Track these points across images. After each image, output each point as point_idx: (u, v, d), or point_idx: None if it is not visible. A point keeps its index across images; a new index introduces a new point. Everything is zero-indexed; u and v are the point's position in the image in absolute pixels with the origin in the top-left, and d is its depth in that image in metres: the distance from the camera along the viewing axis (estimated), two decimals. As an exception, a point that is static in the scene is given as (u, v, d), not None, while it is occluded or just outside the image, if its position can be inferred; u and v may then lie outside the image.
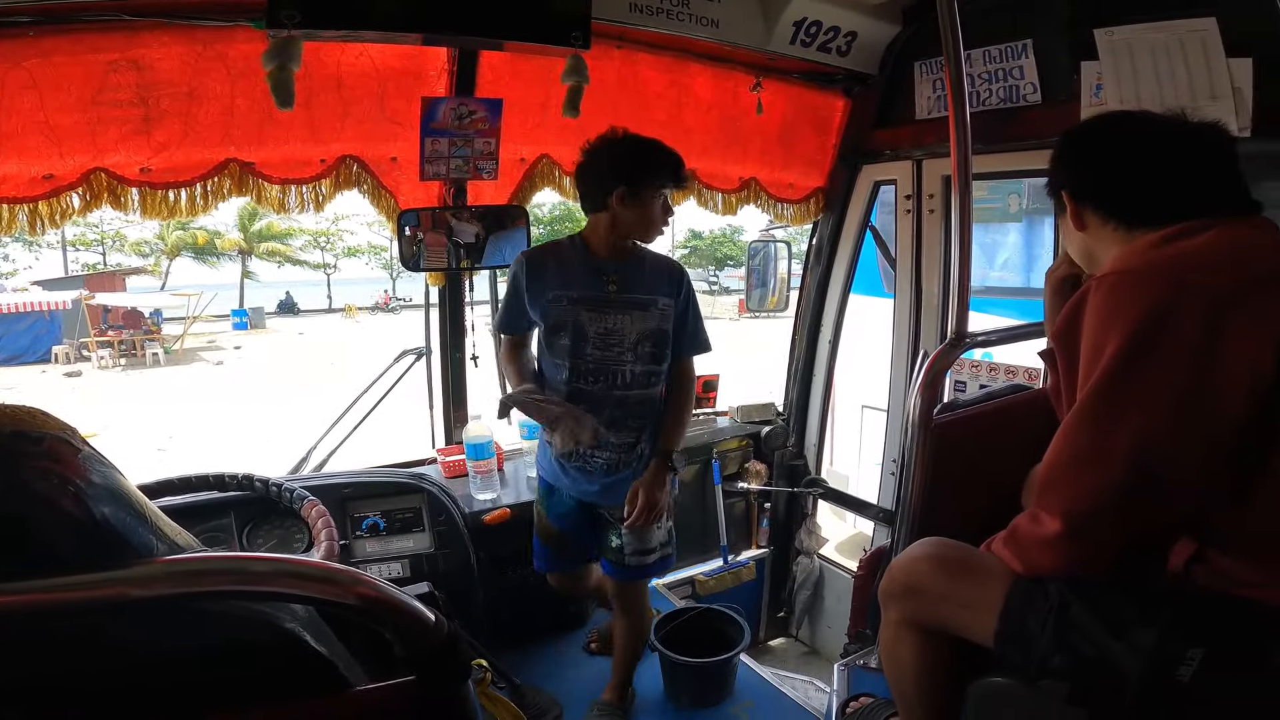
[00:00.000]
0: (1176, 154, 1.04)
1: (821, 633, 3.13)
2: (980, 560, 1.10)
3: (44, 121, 1.63)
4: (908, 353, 2.67)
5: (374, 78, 1.99)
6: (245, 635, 0.61)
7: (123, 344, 16.96)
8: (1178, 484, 0.90)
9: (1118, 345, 0.90)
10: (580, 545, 1.98)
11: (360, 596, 0.59)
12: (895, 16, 2.47)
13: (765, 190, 2.74)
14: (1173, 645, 0.91)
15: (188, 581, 0.55)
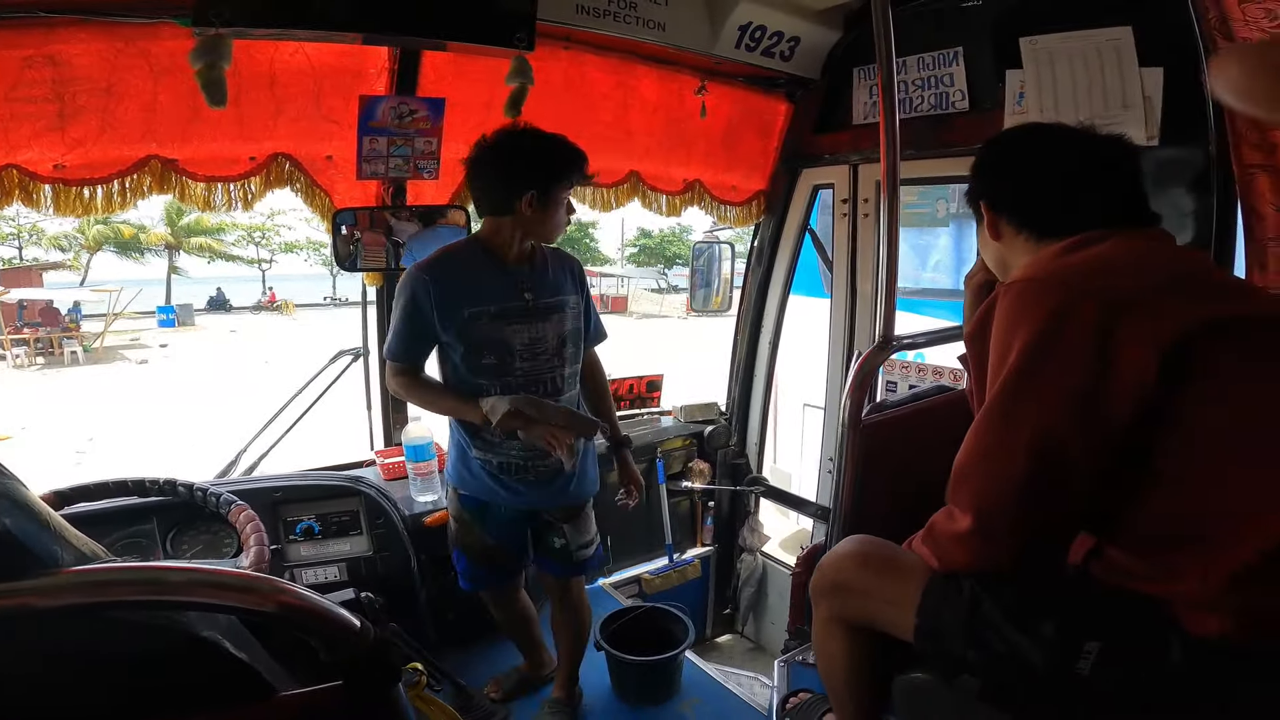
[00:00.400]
0: (1086, 168, 1.10)
1: (766, 629, 3.19)
2: (902, 557, 1.14)
3: None
4: (843, 353, 2.74)
5: (310, 75, 1.94)
6: (160, 645, 0.60)
7: (39, 341, 16.06)
8: (1074, 480, 0.94)
9: (1021, 348, 0.95)
10: (514, 557, 1.91)
11: (281, 605, 0.59)
12: (837, 23, 2.54)
13: (709, 192, 2.78)
14: (1071, 638, 0.94)
15: (96, 592, 0.54)
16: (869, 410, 1.53)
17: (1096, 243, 1.04)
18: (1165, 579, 0.93)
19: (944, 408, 1.61)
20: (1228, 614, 0.87)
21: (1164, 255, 1.05)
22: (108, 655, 0.60)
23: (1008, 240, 1.16)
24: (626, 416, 3.14)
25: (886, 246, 1.52)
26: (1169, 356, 0.88)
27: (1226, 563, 0.87)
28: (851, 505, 1.50)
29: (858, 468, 1.49)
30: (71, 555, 0.57)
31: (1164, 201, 1.80)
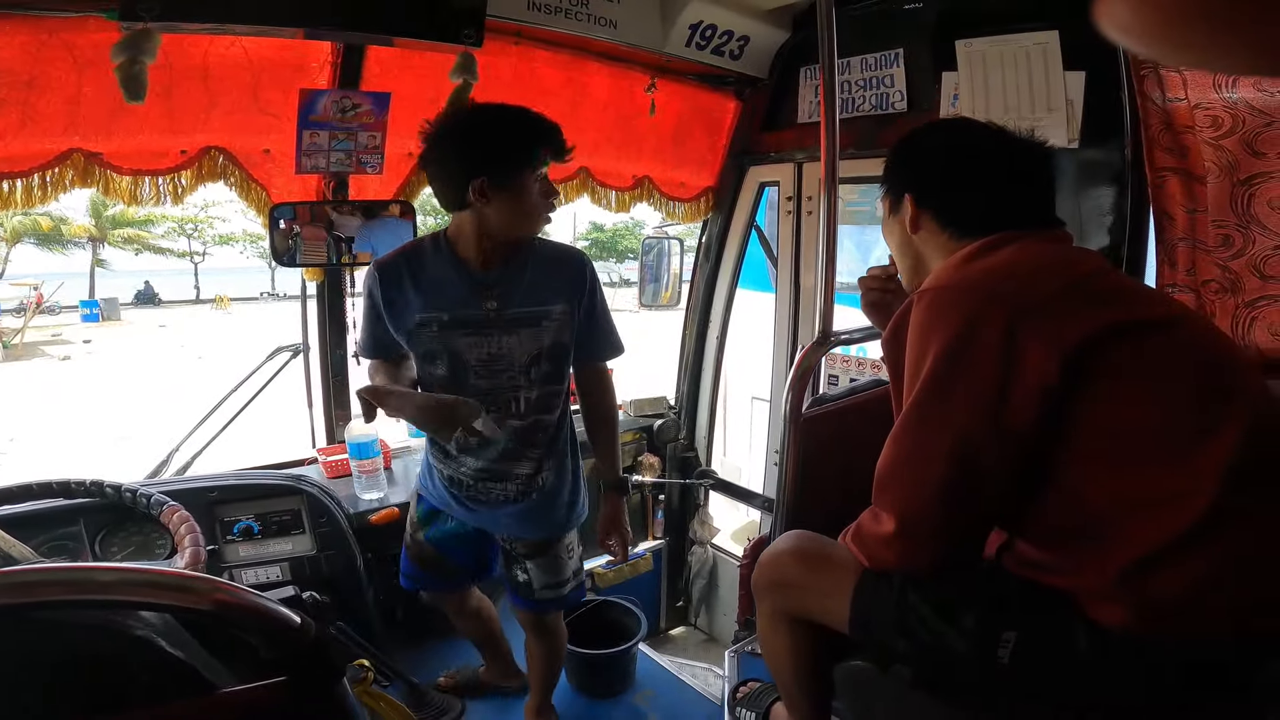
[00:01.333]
0: (1014, 171, 1.14)
1: (718, 620, 3.23)
2: (836, 552, 1.16)
3: None
4: (787, 348, 2.79)
5: (246, 69, 1.88)
6: (93, 645, 0.59)
7: (-49, 340, 15.02)
8: (990, 483, 0.98)
9: (935, 355, 0.98)
10: (460, 571, 1.81)
11: (217, 603, 0.58)
12: (785, 23, 2.58)
13: (658, 189, 2.80)
14: (990, 629, 0.98)
15: (23, 592, 0.53)
16: (810, 404, 1.56)
17: (1003, 246, 1.08)
18: (1069, 571, 0.98)
19: (882, 401, 1.64)
20: (1127, 605, 0.91)
21: (1065, 259, 1.09)
22: (40, 658, 0.59)
23: (926, 236, 1.19)
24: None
25: (826, 243, 1.55)
26: (1069, 359, 0.92)
27: (1121, 556, 0.91)
28: (794, 497, 1.53)
29: (799, 460, 1.52)
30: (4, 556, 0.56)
31: (1083, 201, 1.88)
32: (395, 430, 2.57)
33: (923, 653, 1.04)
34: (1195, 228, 1.68)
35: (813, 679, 1.30)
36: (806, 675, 1.30)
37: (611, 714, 2.15)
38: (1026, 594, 1.01)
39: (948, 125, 1.30)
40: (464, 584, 1.90)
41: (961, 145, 1.20)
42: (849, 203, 3.13)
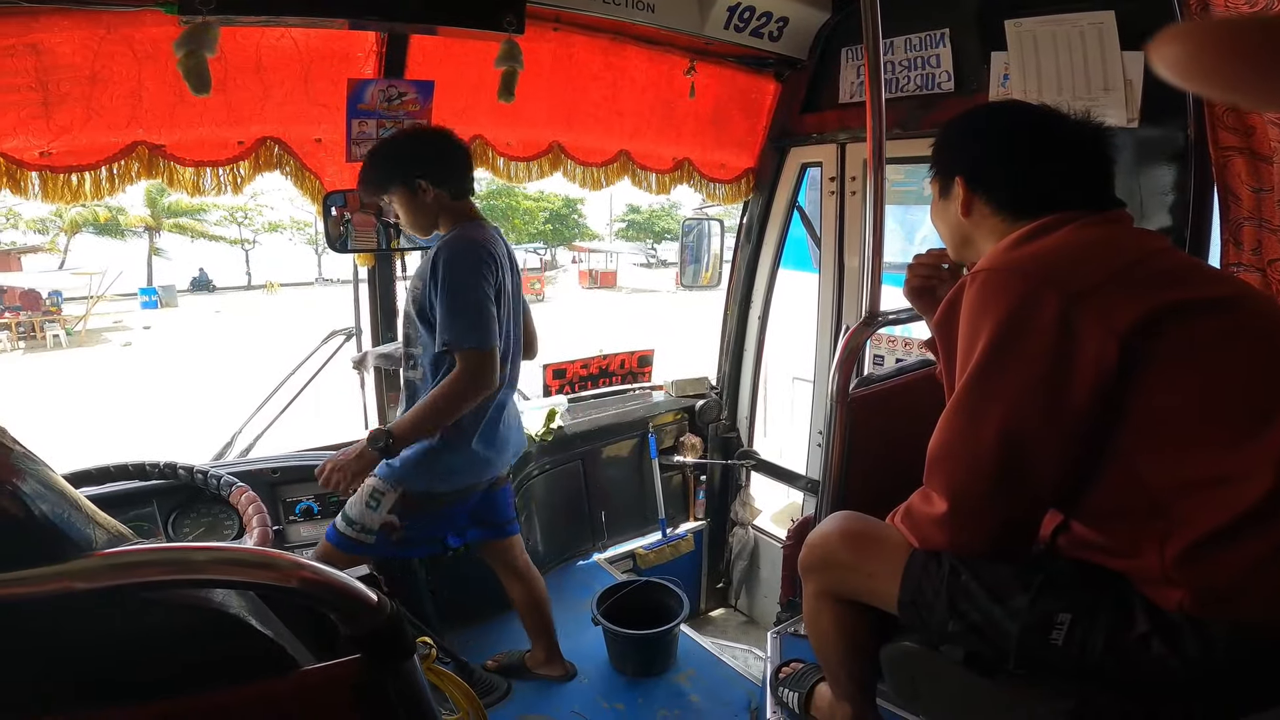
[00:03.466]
0: (1071, 152, 1.11)
1: (758, 602, 3.24)
2: (884, 532, 1.16)
3: None
4: (831, 328, 2.78)
5: (297, 60, 1.93)
6: (191, 622, 0.63)
7: (20, 326, 15.80)
8: (1043, 466, 0.97)
9: (987, 338, 0.97)
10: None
11: (302, 580, 0.61)
12: (825, 3, 2.54)
13: (698, 171, 2.80)
14: (1044, 610, 0.97)
15: (130, 573, 0.57)
16: (856, 384, 1.55)
17: (1058, 228, 1.06)
18: (1126, 553, 0.97)
19: (930, 381, 1.63)
20: (1185, 587, 0.90)
21: (1122, 241, 1.07)
22: (138, 635, 0.62)
23: (979, 220, 1.17)
24: (618, 391, 3.19)
25: (873, 224, 1.55)
26: (1126, 342, 0.91)
27: (1179, 538, 0.90)
28: (839, 478, 1.53)
29: (845, 441, 1.52)
30: (104, 537, 0.60)
31: (1144, 181, 1.85)
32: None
33: (973, 633, 1.04)
34: (1261, 207, 1.64)
35: (858, 659, 1.29)
36: (852, 656, 1.30)
37: (653, 693, 2.19)
38: (1082, 576, 1.01)
39: (997, 107, 1.27)
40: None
41: (1013, 126, 1.17)
42: (894, 183, 3.07)
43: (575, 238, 31.16)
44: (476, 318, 1.63)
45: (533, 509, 2.71)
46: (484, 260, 1.68)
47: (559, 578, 2.78)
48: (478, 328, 1.63)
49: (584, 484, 2.91)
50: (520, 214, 28.04)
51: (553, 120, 2.41)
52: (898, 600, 1.11)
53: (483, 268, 1.67)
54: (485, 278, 1.66)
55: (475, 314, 1.63)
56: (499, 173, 2.41)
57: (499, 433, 1.84)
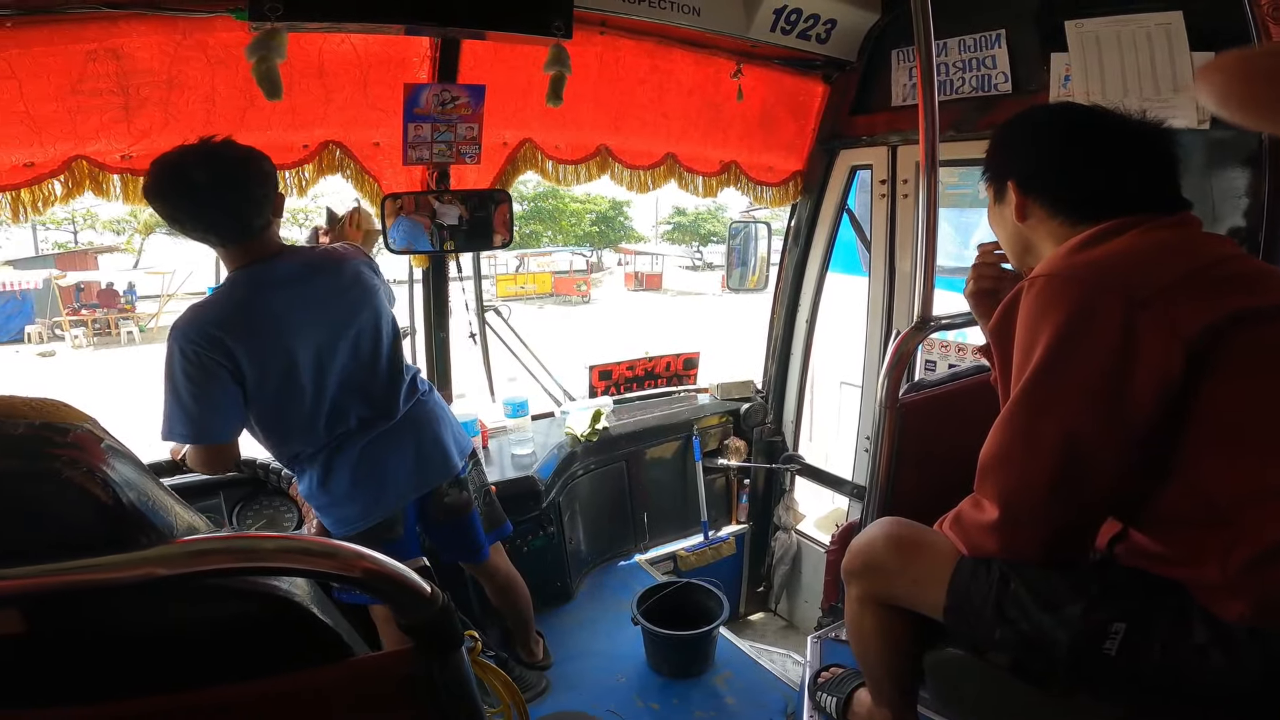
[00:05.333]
0: (1129, 154, 1.08)
1: (799, 607, 3.22)
2: (931, 538, 1.15)
3: (24, 111, 1.64)
4: (881, 332, 2.74)
5: (356, 65, 1.99)
6: (258, 609, 0.66)
7: (97, 323, 16.65)
8: (1100, 474, 0.95)
9: (1046, 344, 0.96)
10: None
11: (363, 570, 0.63)
12: (874, 4, 2.52)
13: (745, 173, 2.79)
14: (1098, 620, 0.96)
15: (206, 560, 0.59)
16: (907, 389, 1.54)
17: (1119, 234, 1.03)
18: (1187, 563, 0.95)
19: (983, 388, 1.59)
20: (1248, 599, 0.88)
21: (1191, 245, 1.03)
22: (208, 621, 0.66)
23: (1035, 224, 1.14)
24: (663, 393, 3.20)
25: (926, 227, 1.52)
26: (1191, 349, 0.89)
27: (1246, 548, 0.88)
28: (887, 484, 1.52)
29: (894, 447, 1.50)
30: (183, 525, 0.64)
31: (1215, 183, 1.79)
32: (493, 411, 2.70)
33: (1021, 641, 1.03)
34: (1338, 210, 1.57)
35: (901, 665, 1.29)
36: (895, 661, 1.29)
37: (689, 694, 2.19)
38: (1137, 585, 0.99)
39: (1049, 108, 1.24)
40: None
41: (1066, 128, 1.14)
42: (949, 186, 3.02)
43: (621, 240, 31.28)
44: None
45: (576, 508, 2.74)
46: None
47: (600, 577, 2.81)
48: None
49: (627, 485, 2.93)
50: (567, 216, 28.32)
51: (600, 123, 2.44)
52: (943, 607, 1.10)
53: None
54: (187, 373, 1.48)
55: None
56: (548, 175, 2.45)
57: (368, 475, 1.68)
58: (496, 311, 2.81)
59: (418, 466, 1.74)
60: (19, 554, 0.55)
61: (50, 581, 0.55)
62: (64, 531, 0.58)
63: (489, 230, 2.27)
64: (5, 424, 0.59)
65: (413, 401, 1.78)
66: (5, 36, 1.58)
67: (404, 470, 1.72)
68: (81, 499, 0.58)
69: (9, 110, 1.62)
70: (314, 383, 1.60)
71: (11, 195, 1.69)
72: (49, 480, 0.57)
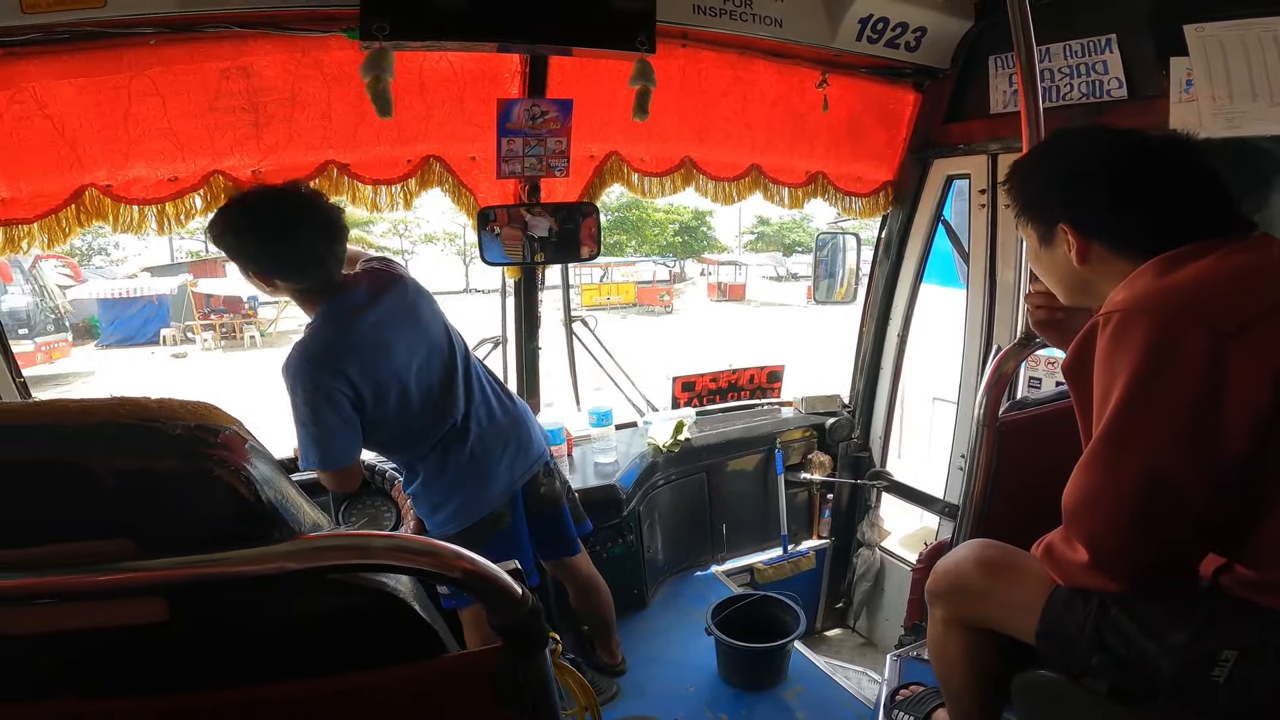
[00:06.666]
0: (1190, 176, 1.03)
1: (879, 625, 3.14)
2: (1024, 562, 1.13)
3: (167, 127, 1.77)
4: (980, 347, 2.63)
5: (453, 81, 2.07)
6: (369, 604, 0.70)
7: (223, 327, 18.00)
8: (1190, 510, 0.92)
9: (1126, 381, 0.92)
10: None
11: (462, 570, 0.66)
12: (967, 12, 2.43)
13: (833, 184, 2.74)
14: (1206, 647, 0.93)
15: (327, 556, 0.64)
16: (1008, 407, 1.49)
17: (1195, 259, 0.97)
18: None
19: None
20: None
21: (1272, 269, 0.98)
22: (322, 615, 0.70)
23: (1098, 265, 1.07)
24: (746, 406, 3.18)
25: (1030, 238, 1.45)
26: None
27: None
28: (982, 504, 1.48)
29: (991, 466, 1.46)
30: (309, 522, 0.69)
31: None
32: (578, 419, 2.76)
33: (1118, 666, 1.01)
34: None
35: (985, 687, 1.28)
36: (979, 683, 1.28)
37: (758, 706, 2.17)
38: (1247, 615, 0.96)
39: (1077, 140, 1.14)
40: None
41: (1109, 159, 1.07)
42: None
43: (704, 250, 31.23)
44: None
45: (655, 518, 2.75)
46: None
47: (675, 586, 2.82)
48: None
49: (707, 496, 2.92)
50: (650, 226, 28.54)
51: (684, 135, 2.44)
52: (1036, 631, 1.09)
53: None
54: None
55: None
56: (633, 188, 2.48)
57: (476, 472, 1.83)
58: (584, 322, 2.87)
59: (518, 454, 1.90)
60: (169, 546, 0.60)
61: (195, 573, 0.60)
62: (209, 526, 0.63)
63: (577, 242, 2.32)
64: (166, 425, 0.63)
65: (501, 396, 1.94)
66: (149, 54, 1.70)
67: (506, 460, 1.88)
68: (227, 496, 0.63)
69: (154, 126, 1.75)
70: (420, 391, 1.74)
71: (157, 209, 1.83)
72: (201, 479, 0.62)
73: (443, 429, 1.78)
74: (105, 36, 1.66)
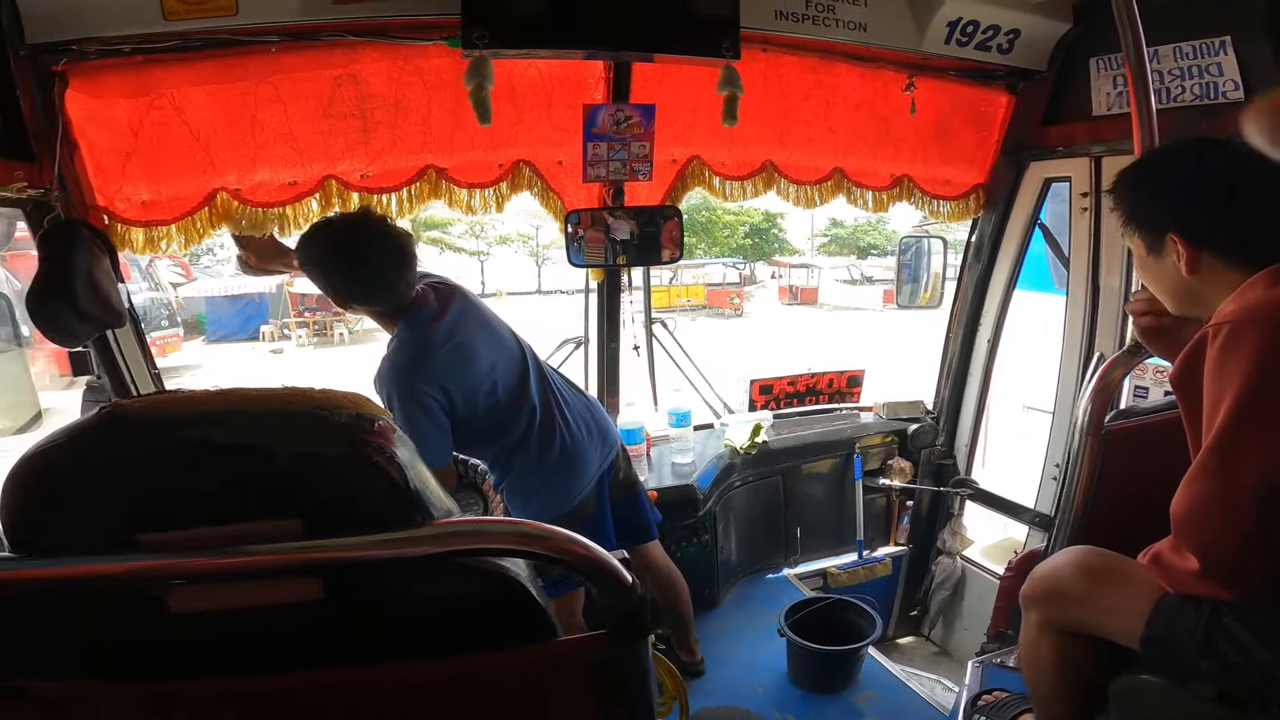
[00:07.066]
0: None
1: (956, 634, 3.07)
2: (1128, 568, 1.14)
3: (288, 133, 1.87)
4: (1080, 355, 2.52)
5: (541, 87, 2.12)
6: (492, 588, 0.72)
7: (315, 324, 18.91)
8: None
9: (1235, 395, 0.92)
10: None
11: (574, 554, 0.69)
12: (1065, 14, 2.35)
13: (919, 187, 2.68)
14: None
15: (459, 540, 0.67)
16: (1113, 416, 1.47)
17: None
18: None
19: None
20: None
21: None
22: (447, 597, 0.73)
23: (1209, 275, 1.06)
24: (824, 410, 3.15)
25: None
26: None
27: None
28: (1082, 513, 1.47)
29: (1094, 476, 1.44)
30: (442, 509, 0.72)
31: None
32: (657, 420, 2.79)
33: (1229, 673, 1.00)
34: None
35: (1077, 692, 1.28)
36: (1071, 688, 1.28)
37: (827, 709, 2.16)
38: None
39: (1184, 151, 1.14)
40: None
41: (1219, 170, 1.07)
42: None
43: (775, 252, 30.75)
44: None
45: (730, 519, 2.76)
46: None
47: (746, 588, 2.83)
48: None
49: (783, 499, 2.92)
50: (720, 228, 28.29)
51: (765, 139, 2.44)
52: (1141, 636, 1.08)
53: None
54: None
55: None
56: (715, 191, 2.49)
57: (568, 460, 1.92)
58: (663, 324, 2.91)
59: (602, 440, 2.01)
60: (330, 527, 0.65)
61: (357, 554, 0.64)
62: (365, 509, 0.66)
63: (658, 245, 2.35)
64: (332, 413, 0.67)
65: (571, 387, 2.05)
66: (271, 62, 1.80)
67: (594, 445, 1.98)
68: (382, 481, 0.66)
69: (276, 132, 1.86)
70: (504, 387, 1.85)
71: (279, 211, 1.94)
72: (363, 464, 0.66)
73: (525, 422, 1.87)
74: (234, 44, 1.77)
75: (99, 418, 0.65)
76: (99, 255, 1.69)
